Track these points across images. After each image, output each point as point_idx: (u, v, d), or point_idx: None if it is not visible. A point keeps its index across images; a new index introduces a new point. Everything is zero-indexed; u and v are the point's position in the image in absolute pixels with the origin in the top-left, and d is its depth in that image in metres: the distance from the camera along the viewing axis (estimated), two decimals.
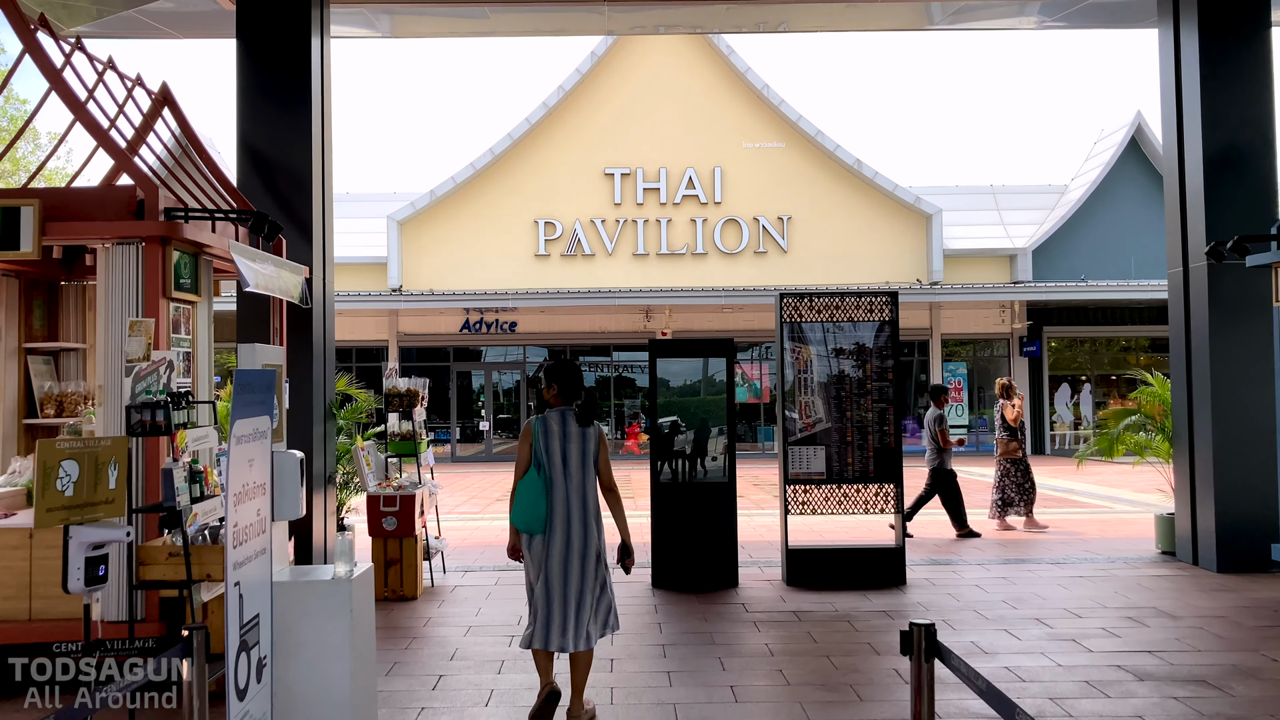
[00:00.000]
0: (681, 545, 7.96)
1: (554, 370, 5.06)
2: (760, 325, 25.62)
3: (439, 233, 26.36)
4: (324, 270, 8.66)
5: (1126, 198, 26.78)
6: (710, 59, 26.73)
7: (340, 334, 25.69)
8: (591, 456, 4.93)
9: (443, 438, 26.22)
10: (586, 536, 4.88)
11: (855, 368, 8.07)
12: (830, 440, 8.05)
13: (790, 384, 8.10)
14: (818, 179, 26.65)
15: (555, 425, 4.92)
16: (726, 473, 8.04)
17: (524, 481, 4.87)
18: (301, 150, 8.42)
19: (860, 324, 8.11)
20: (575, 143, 26.44)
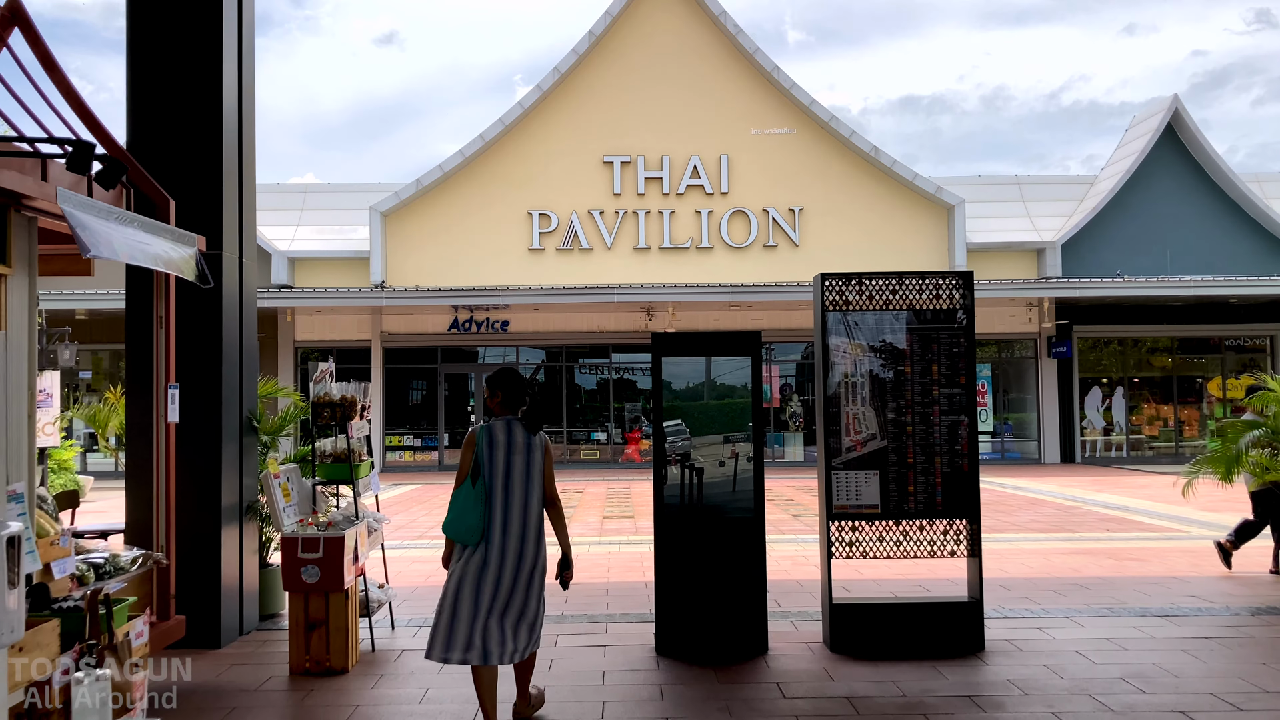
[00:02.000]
0: (694, 593, 6.18)
1: (497, 377, 5.01)
2: (771, 324, 23.83)
3: (426, 225, 24.58)
4: (239, 246, 6.86)
5: (1162, 188, 24.98)
6: (716, 39, 24.95)
7: (319, 334, 23.94)
8: (537, 468, 4.82)
9: (430, 445, 24.47)
10: (523, 550, 4.71)
11: (918, 370, 6.28)
12: (886, 463, 6.26)
13: (833, 390, 6.30)
14: (831, 168, 24.86)
15: (501, 435, 4.81)
16: (753, 499, 6.26)
17: (459, 490, 4.75)
18: (209, 92, 6.63)
19: (924, 314, 6.32)
20: (572, 129, 24.67)
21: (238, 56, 6.86)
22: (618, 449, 24.38)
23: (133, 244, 4.73)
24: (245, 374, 6.86)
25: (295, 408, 7.48)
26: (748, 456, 6.36)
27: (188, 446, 6.26)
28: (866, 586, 8.11)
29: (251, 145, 7.13)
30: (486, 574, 4.61)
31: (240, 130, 6.88)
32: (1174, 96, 24.76)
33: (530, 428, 4.86)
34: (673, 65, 24.88)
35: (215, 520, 6.39)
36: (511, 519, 4.69)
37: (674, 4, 25.05)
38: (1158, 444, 24.92)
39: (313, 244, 25.31)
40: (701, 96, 24.82)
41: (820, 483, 6.32)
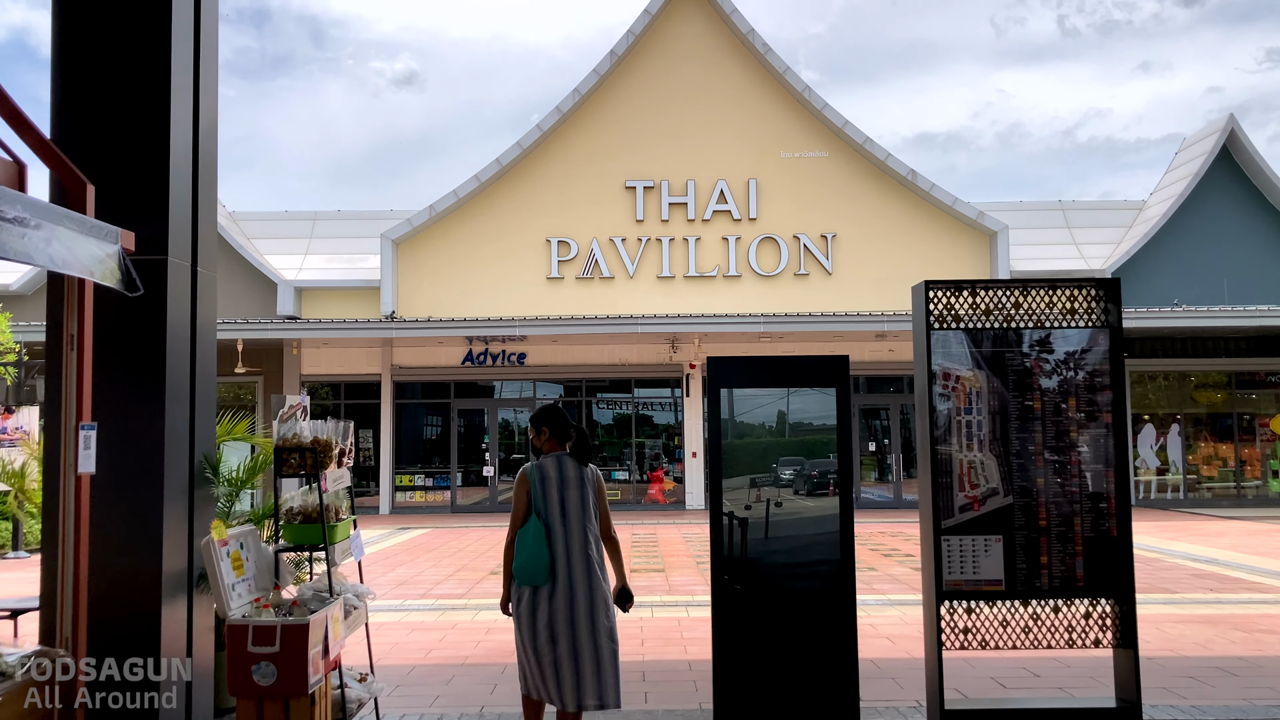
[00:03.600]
0: (764, 673, 4.77)
1: (541, 415, 4.98)
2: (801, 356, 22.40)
3: (439, 254, 23.37)
4: (193, 250, 5.56)
5: (1217, 213, 23.57)
6: (743, 59, 23.79)
7: (327, 367, 22.71)
8: (591, 502, 4.80)
9: (442, 484, 23.10)
10: (591, 584, 4.68)
11: (1050, 405, 4.90)
12: (1011, 525, 4.86)
13: (940, 432, 4.91)
14: (866, 192, 23.55)
15: (552, 472, 4.80)
16: (838, 560, 4.87)
17: (524, 530, 4.71)
18: (154, 44, 5.35)
19: (1056, 333, 4.95)
20: (593, 152, 23.48)
21: (195, 5, 5.58)
22: (640, 489, 22.97)
23: (12, 235, 3.42)
24: (199, 410, 5.53)
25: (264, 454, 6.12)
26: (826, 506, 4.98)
27: (119, 502, 4.93)
28: (970, 674, 6.67)
29: (212, 123, 5.85)
30: (565, 618, 4.61)
31: (197, 102, 5.58)
32: (1229, 117, 23.41)
33: (580, 461, 4.84)
34: (698, 86, 23.73)
35: (153, 595, 5.04)
36: (574, 555, 4.67)
37: (699, 23, 23.94)
38: (1215, 485, 23.30)
39: (321, 273, 24.13)
40: (728, 118, 23.63)
41: (926, 552, 4.92)
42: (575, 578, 4.65)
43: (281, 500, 5.19)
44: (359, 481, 23.17)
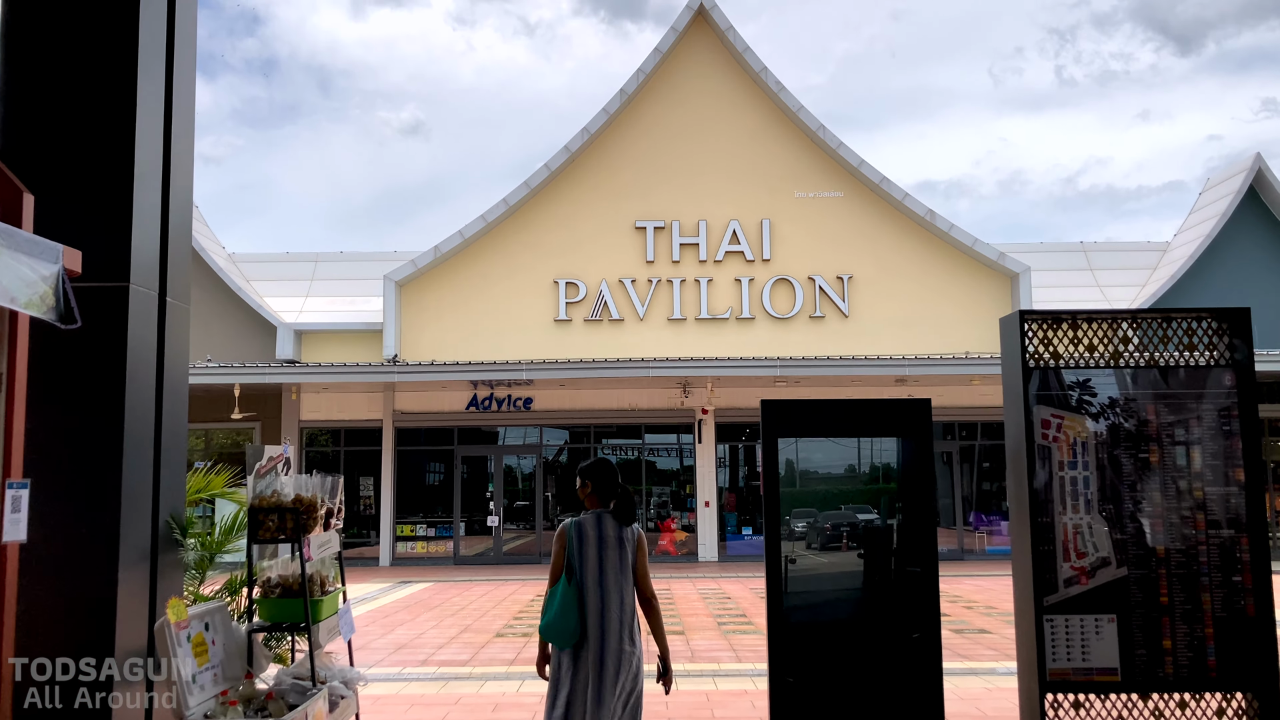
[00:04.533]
0: None
1: (589, 468, 4.74)
2: None
3: (444, 296, 22.70)
4: (162, 278, 4.83)
5: (1245, 254, 22.91)
6: (755, 97, 23.27)
7: (326, 413, 21.96)
8: (630, 563, 4.60)
9: (445, 534, 22.23)
10: (622, 651, 4.45)
11: (1170, 458, 4.13)
12: (1127, 602, 4.07)
13: (1040, 489, 4.14)
14: (883, 233, 22.91)
15: (591, 529, 4.60)
16: (921, 619, 4.08)
17: (554, 589, 4.54)
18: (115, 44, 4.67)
19: (1174, 372, 4.20)
20: (602, 192, 22.89)
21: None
22: (650, 539, 22.05)
23: None
24: (165, 462, 4.78)
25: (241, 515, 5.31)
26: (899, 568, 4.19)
27: (60, 576, 4.16)
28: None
29: (188, 130, 5.15)
30: (593, 683, 4.40)
31: (169, 102, 4.88)
32: (1256, 156, 22.81)
33: (622, 520, 4.66)
34: (709, 125, 23.18)
35: (103, 691, 4.24)
36: (609, 618, 4.49)
37: (710, 62, 23.45)
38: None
39: (322, 316, 23.45)
40: (741, 158, 23.06)
41: (1024, 633, 4.13)
42: (608, 642, 4.46)
43: (257, 569, 4.41)
44: (359, 531, 22.31)
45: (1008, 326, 4.28)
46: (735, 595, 14.93)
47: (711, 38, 23.48)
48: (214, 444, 22.95)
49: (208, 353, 21.92)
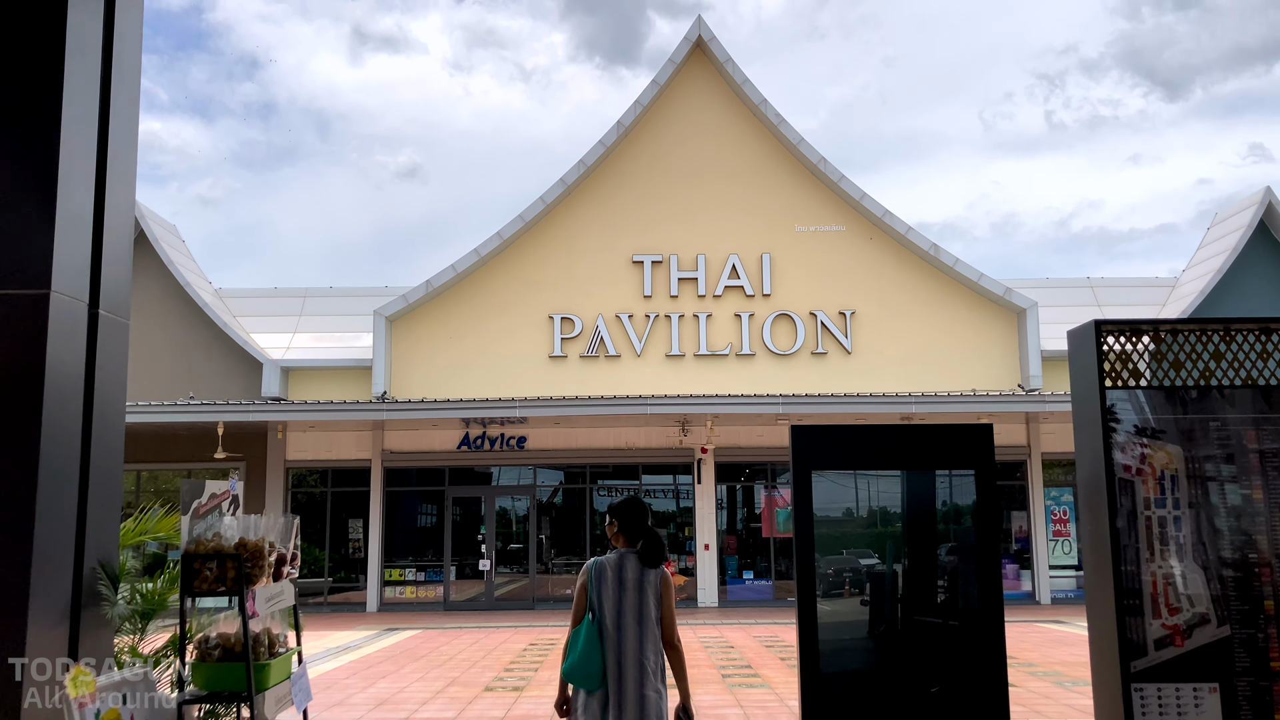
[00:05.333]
0: None
1: (617, 506, 4.70)
2: None
3: (436, 332, 22.08)
4: (93, 287, 4.19)
5: (1256, 289, 22.40)
6: (755, 130, 22.82)
7: (314, 452, 21.26)
8: (652, 606, 4.46)
9: (435, 578, 21.43)
10: (643, 697, 4.33)
11: (1278, 494, 3.49)
12: (1230, 667, 3.40)
13: (1121, 531, 3.49)
14: (886, 268, 22.37)
15: (612, 570, 4.51)
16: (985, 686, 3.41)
17: (576, 631, 4.48)
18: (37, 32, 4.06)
19: (1277, 392, 3.56)
20: (598, 225, 22.36)
21: None
22: None
23: None
24: (94, 504, 4.10)
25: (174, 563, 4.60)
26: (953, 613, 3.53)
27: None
28: None
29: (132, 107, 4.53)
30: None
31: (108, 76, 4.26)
32: (1266, 189, 22.37)
33: (647, 562, 4.54)
34: (708, 158, 22.71)
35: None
36: (626, 661, 4.40)
37: (708, 94, 23.03)
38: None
39: (310, 353, 22.78)
40: (740, 191, 22.57)
41: (1106, 703, 3.45)
42: (626, 687, 4.37)
43: (192, 627, 3.73)
44: (346, 576, 21.52)
45: (1079, 340, 3.66)
46: (738, 644, 14.17)
47: (710, 70, 23.09)
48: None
49: (191, 389, 21.24)
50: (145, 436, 21.15)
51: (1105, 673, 3.46)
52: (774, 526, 21.19)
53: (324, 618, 19.89)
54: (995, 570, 3.63)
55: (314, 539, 21.69)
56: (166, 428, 20.32)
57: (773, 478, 21.75)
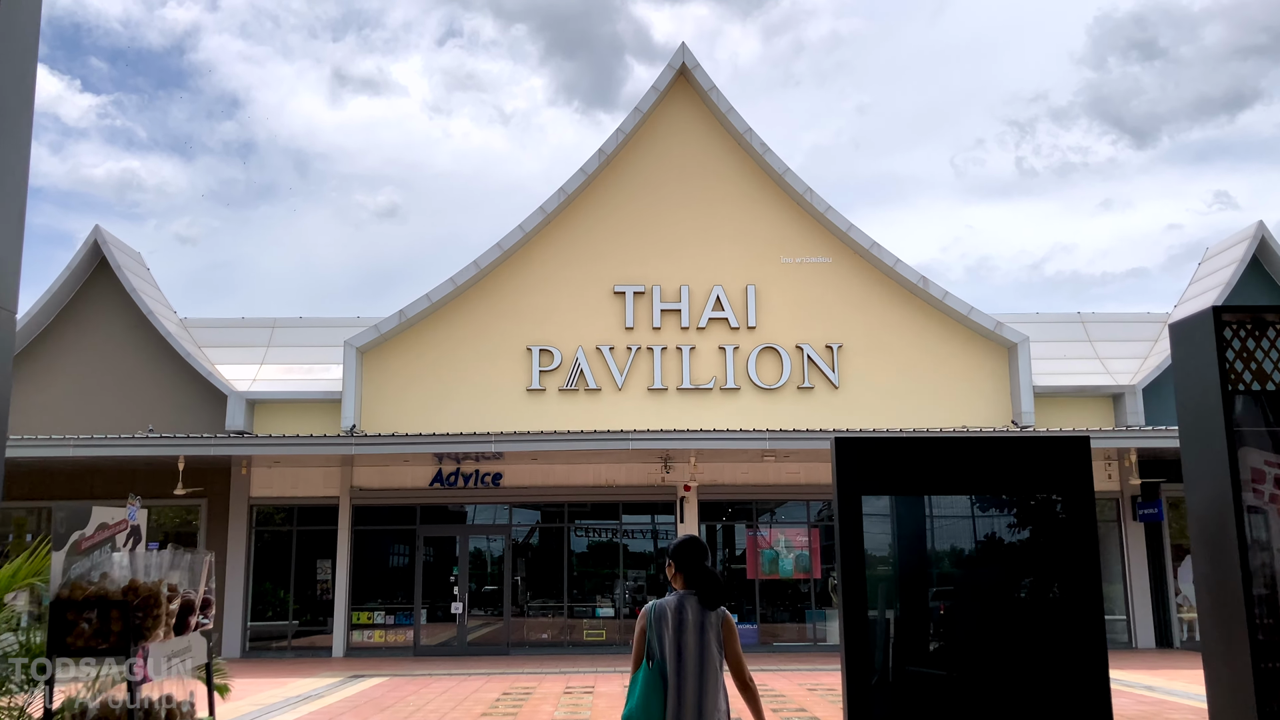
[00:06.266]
0: None
1: (676, 548, 4.63)
2: (808, 479, 20.32)
3: (409, 364, 21.27)
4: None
5: None
6: (740, 159, 22.30)
7: (279, 489, 20.33)
8: (715, 648, 4.39)
9: (404, 621, 20.45)
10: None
11: None
12: None
13: (1256, 569, 2.75)
14: (874, 300, 21.78)
15: (671, 612, 4.44)
16: None
17: (638, 676, 4.45)
18: None
19: None
20: (579, 255, 21.69)
21: None
22: (627, 627, 20.39)
23: None
24: None
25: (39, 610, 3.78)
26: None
27: None
28: None
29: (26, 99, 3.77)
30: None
31: None
32: (1259, 224, 22.00)
33: (706, 604, 4.42)
34: (692, 187, 22.14)
35: None
36: (685, 706, 4.31)
37: (692, 122, 22.51)
38: None
39: (277, 385, 21.87)
40: (724, 221, 21.98)
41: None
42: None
43: (71, 696, 2.93)
44: (314, 618, 20.50)
45: (1190, 334, 2.94)
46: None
47: (694, 98, 22.58)
48: (154, 523, 21.15)
49: (150, 422, 20.30)
50: (102, 472, 20.20)
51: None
52: (759, 568, 20.39)
53: (287, 663, 18.87)
54: (1097, 619, 2.90)
55: (279, 580, 20.72)
56: (124, 462, 19.39)
57: (756, 517, 20.99)
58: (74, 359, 21.62)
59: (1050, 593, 3.02)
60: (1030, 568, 3.03)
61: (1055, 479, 3.01)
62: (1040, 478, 3.03)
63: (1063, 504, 3.00)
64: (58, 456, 18.28)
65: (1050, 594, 3.04)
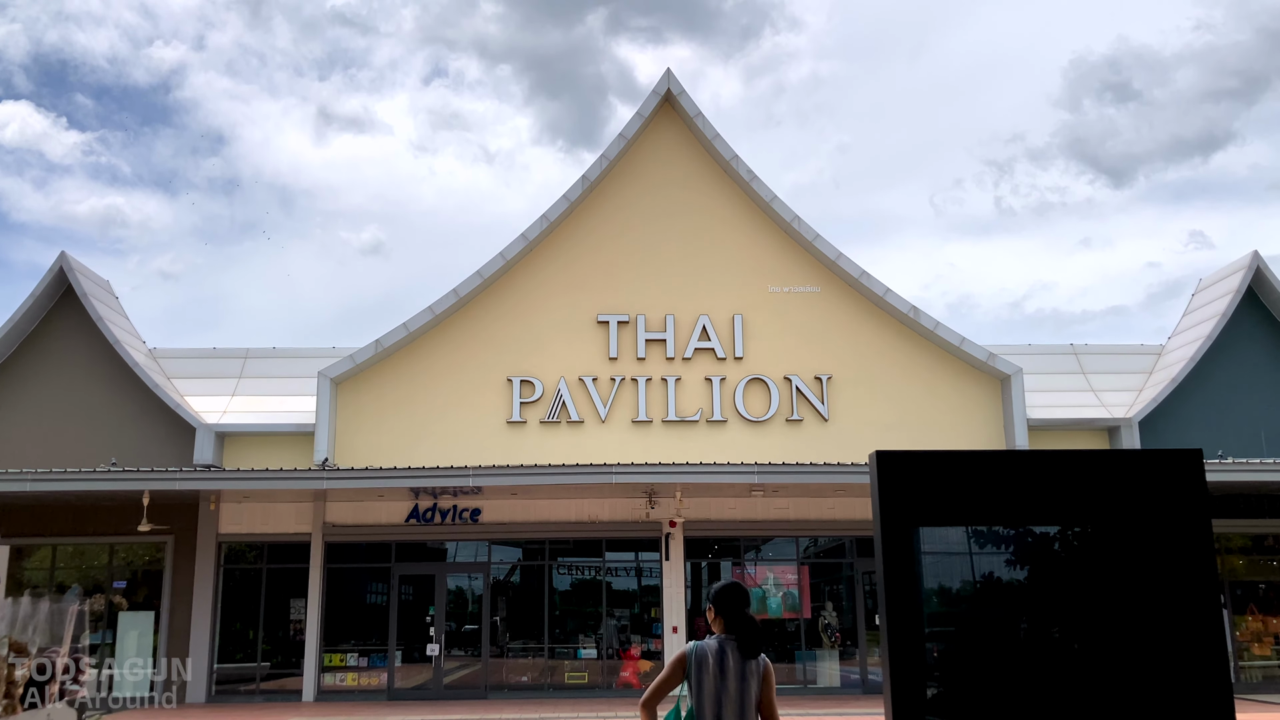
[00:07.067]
0: None
1: (718, 593, 4.67)
2: (797, 514, 19.72)
3: (385, 395, 20.61)
4: None
5: (1247, 357, 21.59)
6: (726, 187, 21.87)
7: (249, 525, 19.62)
8: (753, 696, 4.42)
9: (378, 663, 19.63)
10: None
11: None
12: None
13: None
14: (864, 331, 21.28)
15: (713, 657, 4.47)
16: None
17: (670, 716, 4.57)
18: None
19: None
20: (562, 284, 21.14)
21: None
22: (611, 669, 19.65)
23: None
24: None
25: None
26: None
27: None
28: None
29: None
30: None
31: None
32: (1253, 254, 21.65)
33: (746, 651, 4.46)
34: (677, 215, 21.65)
35: None
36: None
37: (678, 149, 22.06)
38: (1272, 666, 20.34)
39: (248, 417, 21.13)
40: (711, 249, 21.48)
41: None
42: None
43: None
44: (285, 660, 19.64)
45: None
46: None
47: (679, 125, 22.17)
48: (118, 561, 20.32)
49: (115, 455, 19.50)
50: (64, 508, 19.42)
51: None
52: None
53: (255, 708, 18.04)
54: (1221, 665, 2.31)
55: (248, 620, 19.89)
56: (86, 497, 18.61)
57: (744, 554, 20.34)
58: (36, 390, 20.86)
59: (1164, 635, 2.43)
60: (1142, 609, 2.44)
61: (1167, 500, 2.41)
62: (1148, 499, 2.42)
63: (1173, 530, 2.41)
64: (14, 491, 17.49)
65: (1164, 637, 2.44)
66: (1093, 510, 2.51)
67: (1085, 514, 2.50)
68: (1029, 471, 2.57)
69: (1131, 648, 2.61)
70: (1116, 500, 2.48)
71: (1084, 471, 2.53)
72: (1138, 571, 2.48)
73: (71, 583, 20.34)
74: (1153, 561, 2.42)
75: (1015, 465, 2.59)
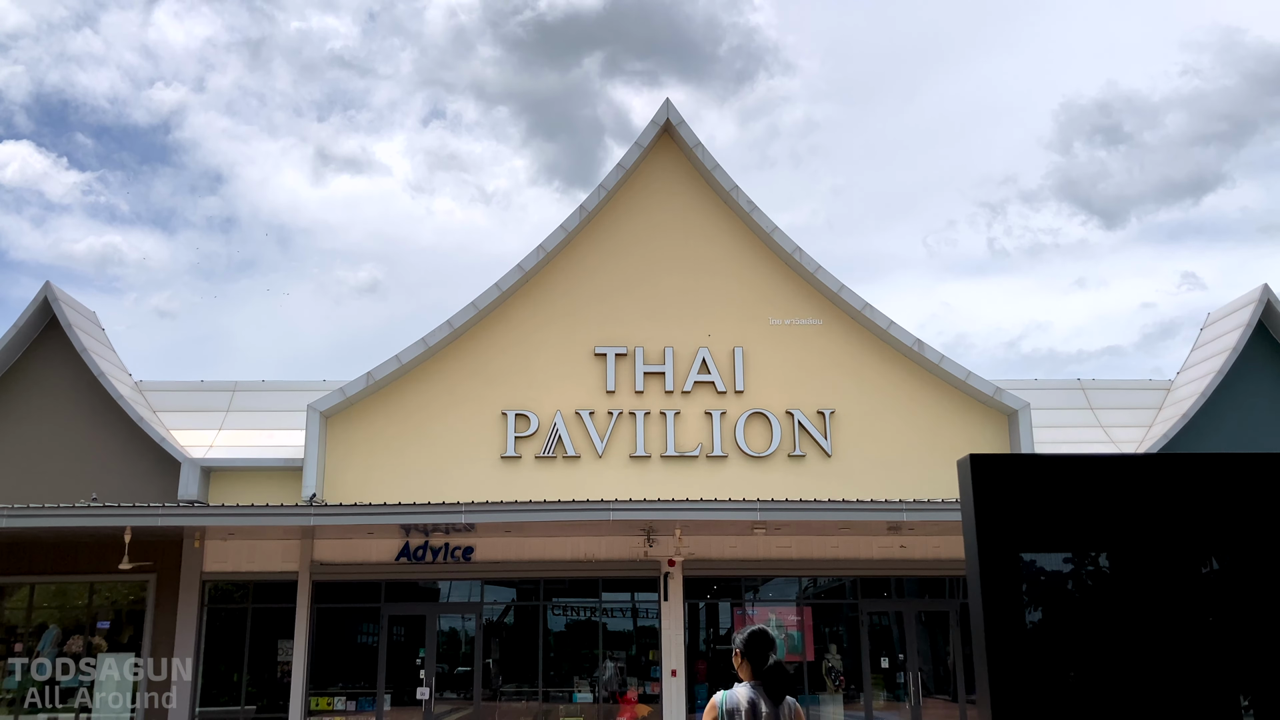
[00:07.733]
0: None
1: (746, 639, 4.81)
2: (800, 553, 19.13)
3: (376, 429, 20.04)
4: None
5: (1260, 390, 21.12)
6: (726, 218, 21.46)
7: (235, 563, 19.00)
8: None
9: (366, 707, 18.92)
10: None
11: None
12: None
13: None
14: (867, 364, 20.78)
15: (744, 704, 4.53)
16: None
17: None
18: None
19: None
20: (558, 315, 20.65)
21: None
22: (608, 713, 18.96)
23: None
24: None
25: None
26: None
27: None
28: None
29: None
30: None
31: None
32: (1264, 287, 21.24)
33: (773, 696, 4.55)
34: (676, 245, 21.22)
35: None
36: None
37: (677, 179, 21.69)
38: None
39: (235, 452, 20.53)
40: (710, 281, 21.03)
41: None
42: None
43: None
44: (274, 702, 18.92)
45: None
46: None
47: (678, 155, 21.81)
48: (100, 600, 19.67)
49: (96, 490, 18.89)
50: (43, 545, 18.81)
51: None
52: None
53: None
54: None
55: (233, 661, 19.21)
56: (66, 534, 18.02)
57: (744, 594, 19.74)
58: (17, 422, 20.29)
59: None
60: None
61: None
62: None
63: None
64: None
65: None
66: (1243, 528, 1.99)
67: (1250, 539, 1.99)
68: (1159, 479, 2.03)
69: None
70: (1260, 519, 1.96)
71: (1245, 468, 2.01)
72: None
73: (51, 623, 19.71)
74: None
75: (1143, 468, 2.06)
